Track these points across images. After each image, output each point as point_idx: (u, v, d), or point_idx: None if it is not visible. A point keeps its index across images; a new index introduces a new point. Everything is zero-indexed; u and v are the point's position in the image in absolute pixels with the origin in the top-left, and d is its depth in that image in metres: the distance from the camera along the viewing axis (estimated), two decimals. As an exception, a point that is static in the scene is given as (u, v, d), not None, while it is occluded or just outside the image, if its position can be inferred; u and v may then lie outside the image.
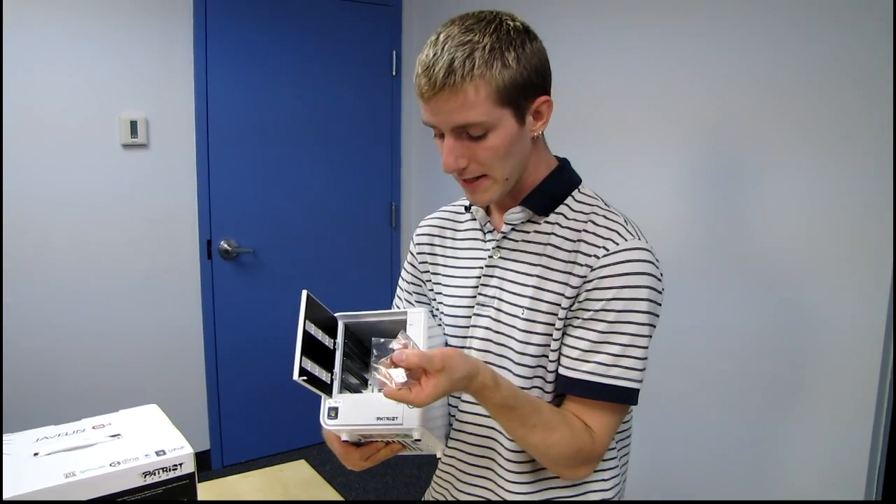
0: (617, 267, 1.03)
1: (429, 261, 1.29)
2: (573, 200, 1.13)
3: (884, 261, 1.72)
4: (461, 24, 0.99)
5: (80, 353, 2.82)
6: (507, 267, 1.14)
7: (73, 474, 0.86)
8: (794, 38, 1.85)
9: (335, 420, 1.01)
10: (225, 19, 2.94)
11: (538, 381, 1.10)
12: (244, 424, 3.28)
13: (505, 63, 0.97)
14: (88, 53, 2.67)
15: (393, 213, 3.56)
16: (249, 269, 3.18)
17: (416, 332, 1.04)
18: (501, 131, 1.01)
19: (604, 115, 2.43)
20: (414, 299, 1.32)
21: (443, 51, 0.96)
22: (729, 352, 2.09)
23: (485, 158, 1.03)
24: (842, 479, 1.85)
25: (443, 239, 1.27)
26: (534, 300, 1.09)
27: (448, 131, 1.02)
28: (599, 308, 1.03)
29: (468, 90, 0.96)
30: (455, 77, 0.95)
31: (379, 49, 3.39)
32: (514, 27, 1.00)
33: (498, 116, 0.99)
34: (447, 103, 0.98)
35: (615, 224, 1.07)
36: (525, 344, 1.09)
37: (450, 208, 1.30)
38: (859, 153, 1.75)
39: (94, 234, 2.79)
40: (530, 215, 1.13)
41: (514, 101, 1.00)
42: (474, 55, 0.96)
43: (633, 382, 1.04)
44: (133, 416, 1.06)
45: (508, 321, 1.11)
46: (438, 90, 0.97)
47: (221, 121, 3.00)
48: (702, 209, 2.15)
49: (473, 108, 0.97)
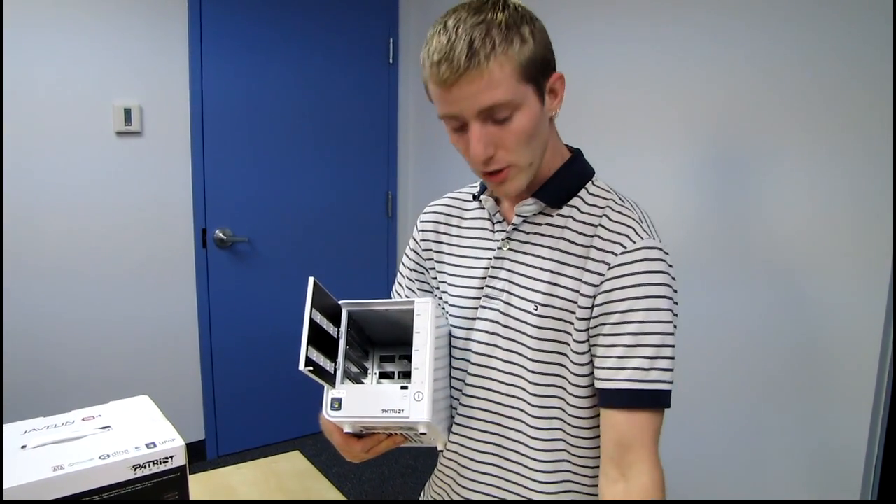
0: (633, 266, 1.01)
1: (433, 248, 1.26)
2: (587, 193, 1.10)
3: (883, 256, 1.71)
4: (467, 8, 0.97)
5: (74, 343, 2.81)
6: (517, 259, 1.11)
7: (62, 467, 0.84)
8: (797, 33, 1.83)
9: (339, 412, 1.00)
10: (220, 5, 2.91)
11: (553, 378, 1.08)
12: (239, 414, 3.27)
13: (523, 38, 0.96)
14: (81, 40, 2.64)
15: (389, 203, 3.54)
16: (244, 258, 3.16)
17: (424, 322, 1.02)
18: (527, 111, 0.98)
19: (605, 109, 2.40)
20: (416, 287, 1.29)
21: (457, 35, 0.93)
22: (729, 347, 2.08)
23: (512, 143, 0.99)
24: (839, 476, 1.84)
25: (448, 227, 1.24)
26: (547, 295, 1.06)
27: (473, 118, 0.98)
28: (626, 309, 1.01)
29: (493, 69, 0.94)
30: (479, 57, 0.93)
31: (376, 36, 3.36)
32: (518, 5, 0.99)
33: (523, 94, 0.97)
34: (471, 85, 0.94)
35: (630, 220, 1.05)
36: (541, 340, 1.07)
37: (456, 195, 1.27)
38: (860, 147, 1.73)
39: (87, 223, 2.76)
40: (542, 207, 1.10)
41: (534, 78, 0.98)
42: (492, 32, 0.93)
43: (668, 384, 1.02)
44: (124, 408, 1.04)
45: (519, 315, 1.09)
46: (463, 72, 0.93)
47: (216, 108, 2.98)
48: (703, 203, 2.14)
49: (500, 86, 0.95)
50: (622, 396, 1.02)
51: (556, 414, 1.09)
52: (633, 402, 1.01)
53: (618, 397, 1.02)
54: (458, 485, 1.19)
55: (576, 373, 1.06)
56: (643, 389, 1.01)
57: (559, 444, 1.10)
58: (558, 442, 1.10)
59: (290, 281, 3.28)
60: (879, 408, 1.78)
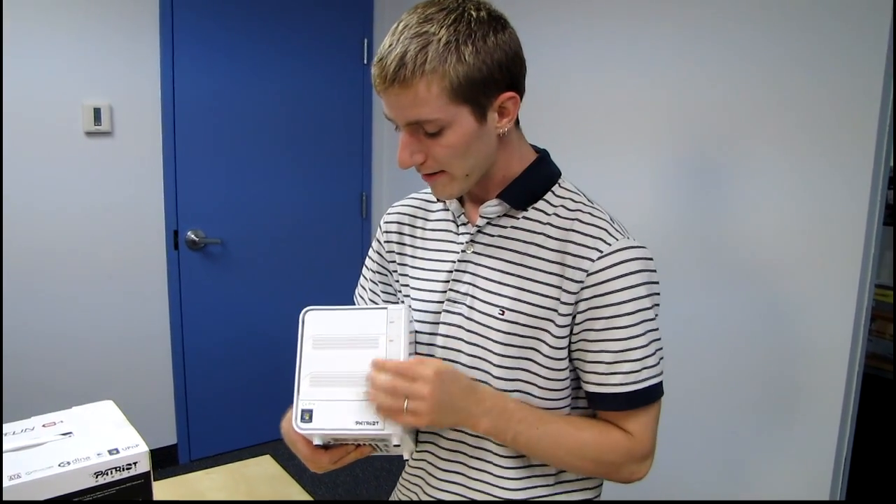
0: (613, 270, 1.00)
1: (395, 250, 1.24)
2: (553, 195, 1.09)
3: (856, 258, 1.72)
4: (422, 12, 0.94)
5: (41, 347, 2.75)
6: (481, 263, 1.10)
7: (19, 476, 0.82)
8: (774, 37, 1.85)
9: (310, 423, 0.98)
10: (192, 3, 2.87)
11: (520, 384, 1.07)
12: (212, 418, 3.23)
13: (460, 58, 0.92)
14: (50, 37, 2.59)
15: (364, 204, 3.52)
16: (217, 260, 3.13)
17: (398, 330, 1.00)
18: (458, 129, 0.96)
19: (580, 110, 2.40)
20: (380, 290, 1.28)
21: (398, 42, 0.92)
22: (707, 350, 2.08)
23: (441, 156, 0.99)
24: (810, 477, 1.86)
25: (412, 228, 1.23)
26: (516, 301, 1.05)
27: (403, 126, 0.98)
28: (610, 315, 1.00)
29: (419, 86, 0.92)
30: (405, 71, 0.91)
31: (350, 36, 3.34)
32: (478, 18, 0.94)
33: (453, 114, 0.95)
34: (398, 98, 0.94)
35: (602, 222, 1.04)
36: (507, 346, 1.05)
37: (421, 196, 1.25)
38: (839, 152, 1.75)
39: (56, 225, 2.71)
40: (507, 209, 1.08)
41: (471, 98, 0.95)
42: (427, 49, 0.91)
43: (660, 377, 1.04)
44: (86, 413, 1.02)
45: (483, 320, 1.08)
46: (389, 84, 0.93)
47: (188, 108, 2.94)
48: (679, 206, 2.14)
49: (425, 104, 0.93)
50: (617, 400, 1.03)
51: None
52: (627, 404, 1.03)
53: (612, 401, 1.03)
54: (428, 485, 1.18)
55: (545, 376, 1.06)
56: (636, 390, 1.02)
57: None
58: None
59: (263, 283, 3.24)
60: (849, 408, 1.80)
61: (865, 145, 1.68)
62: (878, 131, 1.66)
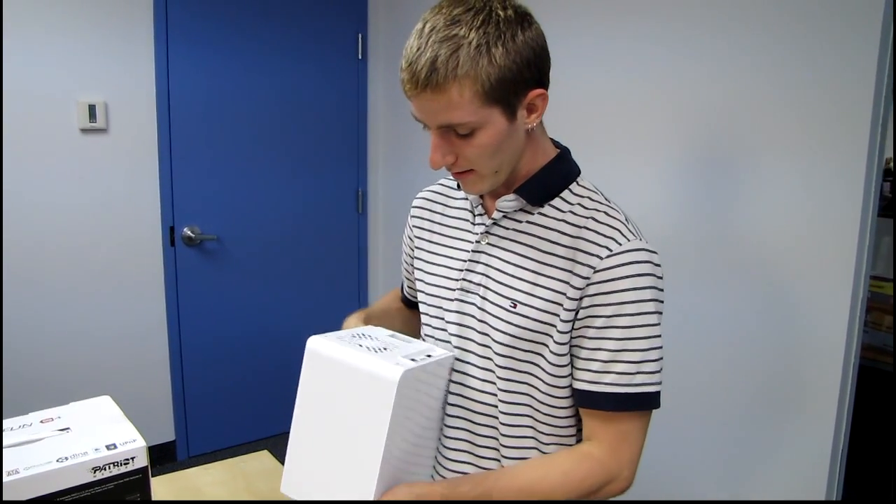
0: (620, 269, 0.99)
1: (417, 235, 1.26)
2: (570, 193, 1.09)
3: (849, 254, 1.73)
4: (448, 13, 0.92)
5: (39, 344, 2.75)
6: (494, 255, 1.10)
7: (17, 471, 0.82)
8: (780, 38, 1.84)
9: None
10: (186, 0, 2.86)
11: (527, 376, 1.08)
12: (210, 414, 3.23)
13: (492, 60, 0.91)
14: (45, 34, 2.58)
15: (360, 200, 3.51)
16: (213, 256, 3.13)
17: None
18: (490, 129, 0.96)
19: (591, 109, 2.38)
20: (414, 276, 1.29)
21: (426, 45, 0.91)
22: (702, 344, 2.08)
23: (472, 155, 0.99)
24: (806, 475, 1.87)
25: (433, 213, 1.24)
26: (529, 295, 1.05)
27: (434, 128, 0.98)
28: (611, 314, 1.00)
29: (452, 91, 0.91)
30: (437, 77, 0.90)
31: (344, 32, 3.33)
32: (506, 17, 0.93)
33: (485, 116, 0.94)
34: (431, 102, 0.93)
35: (617, 222, 1.04)
36: (517, 338, 1.06)
37: (448, 182, 1.26)
38: (835, 145, 1.74)
39: (51, 222, 2.71)
40: (523, 204, 1.09)
41: (503, 99, 0.94)
42: (459, 53, 0.89)
43: (655, 386, 1.02)
44: (84, 409, 1.02)
45: (495, 311, 1.08)
46: (421, 89, 0.92)
47: (183, 104, 2.93)
48: (675, 202, 2.14)
49: (458, 108, 0.93)
50: (606, 400, 1.02)
51: (525, 411, 1.10)
52: (616, 405, 1.01)
53: (600, 400, 1.02)
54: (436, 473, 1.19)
55: (551, 372, 1.06)
56: (628, 393, 1.01)
57: (529, 441, 1.11)
58: (528, 440, 1.11)
59: (259, 279, 3.24)
60: (845, 400, 1.80)
61: (859, 137, 1.68)
62: (872, 123, 1.67)
